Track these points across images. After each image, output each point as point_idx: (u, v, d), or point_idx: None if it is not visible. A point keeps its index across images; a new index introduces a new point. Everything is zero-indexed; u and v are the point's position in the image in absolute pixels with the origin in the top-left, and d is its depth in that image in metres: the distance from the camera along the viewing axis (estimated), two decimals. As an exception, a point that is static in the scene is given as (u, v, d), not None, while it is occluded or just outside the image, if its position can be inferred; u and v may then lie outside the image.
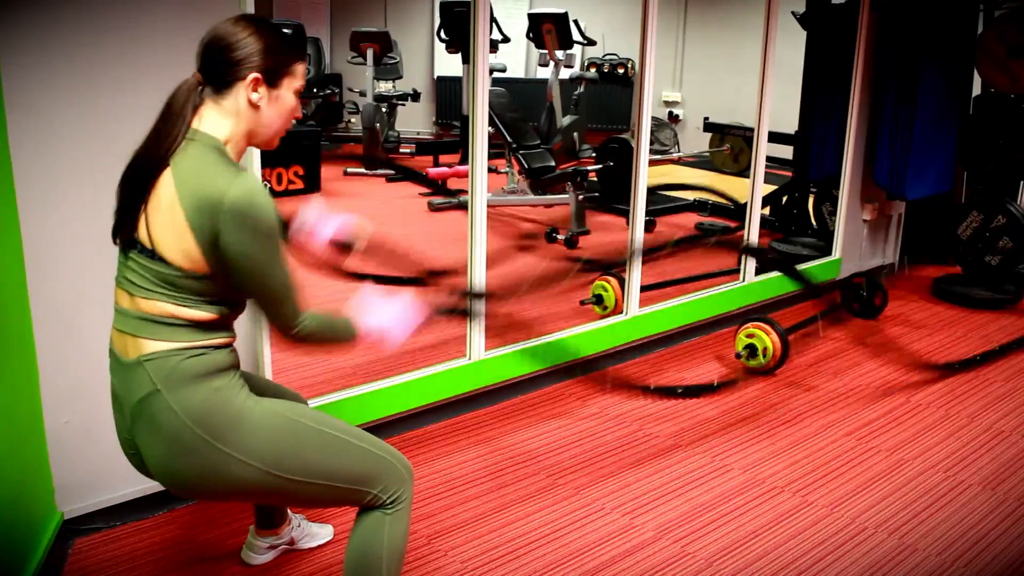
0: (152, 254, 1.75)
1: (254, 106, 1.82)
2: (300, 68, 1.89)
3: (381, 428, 3.27)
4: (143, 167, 1.76)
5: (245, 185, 1.72)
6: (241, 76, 1.79)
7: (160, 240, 1.74)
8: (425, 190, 7.66)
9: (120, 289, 1.84)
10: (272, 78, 1.83)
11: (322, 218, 2.10)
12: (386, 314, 2.01)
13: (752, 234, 4.66)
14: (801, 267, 5.09)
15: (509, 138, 6.94)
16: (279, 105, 1.86)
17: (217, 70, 1.80)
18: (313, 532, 2.67)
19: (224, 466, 1.81)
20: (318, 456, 1.90)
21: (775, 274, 4.92)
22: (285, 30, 1.86)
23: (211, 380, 1.81)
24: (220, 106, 1.81)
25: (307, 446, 1.89)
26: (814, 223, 5.84)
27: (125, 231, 1.79)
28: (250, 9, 2.66)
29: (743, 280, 4.70)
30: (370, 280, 3.47)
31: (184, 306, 1.78)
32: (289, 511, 2.60)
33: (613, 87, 10.16)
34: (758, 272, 4.79)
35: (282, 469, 1.85)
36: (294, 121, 1.95)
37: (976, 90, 5.46)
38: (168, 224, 1.72)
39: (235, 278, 1.77)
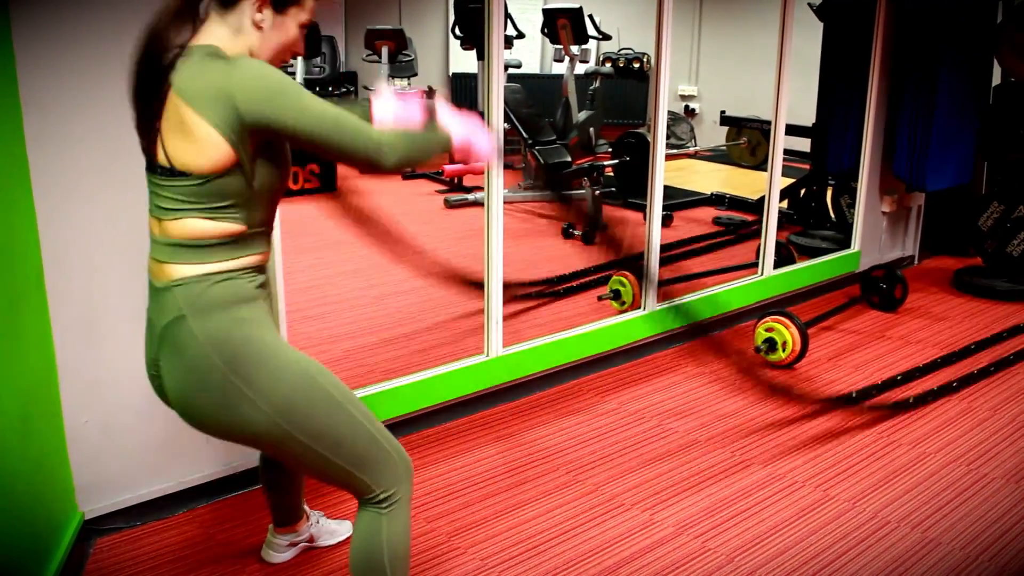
0: (172, 171, 1.76)
1: (256, 26, 1.82)
2: (309, 2, 1.90)
3: (400, 425, 3.27)
4: (147, 91, 1.77)
5: (242, 63, 1.74)
6: None
7: (176, 153, 1.75)
8: (441, 187, 7.67)
9: (151, 217, 1.86)
10: (279, 2, 1.84)
11: (400, 106, 2.03)
12: (471, 128, 1.99)
13: (770, 227, 4.63)
14: (815, 262, 5.07)
15: (525, 134, 6.92)
16: (281, 32, 1.86)
17: None
18: (332, 529, 2.67)
19: (236, 401, 1.81)
20: (326, 420, 1.89)
21: (794, 267, 4.90)
22: None
23: (237, 309, 1.82)
24: (223, 20, 1.81)
25: (319, 407, 1.88)
26: (832, 216, 5.81)
27: (149, 151, 1.80)
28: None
29: (762, 274, 4.68)
30: None
31: (211, 219, 1.79)
32: (306, 507, 2.61)
33: (629, 82, 10.11)
34: (777, 266, 4.76)
35: (289, 421, 1.85)
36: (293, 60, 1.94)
37: (996, 80, 5.41)
38: (180, 134, 1.73)
39: (290, 141, 1.77)
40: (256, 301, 1.87)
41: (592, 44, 9.35)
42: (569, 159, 6.98)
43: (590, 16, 8.71)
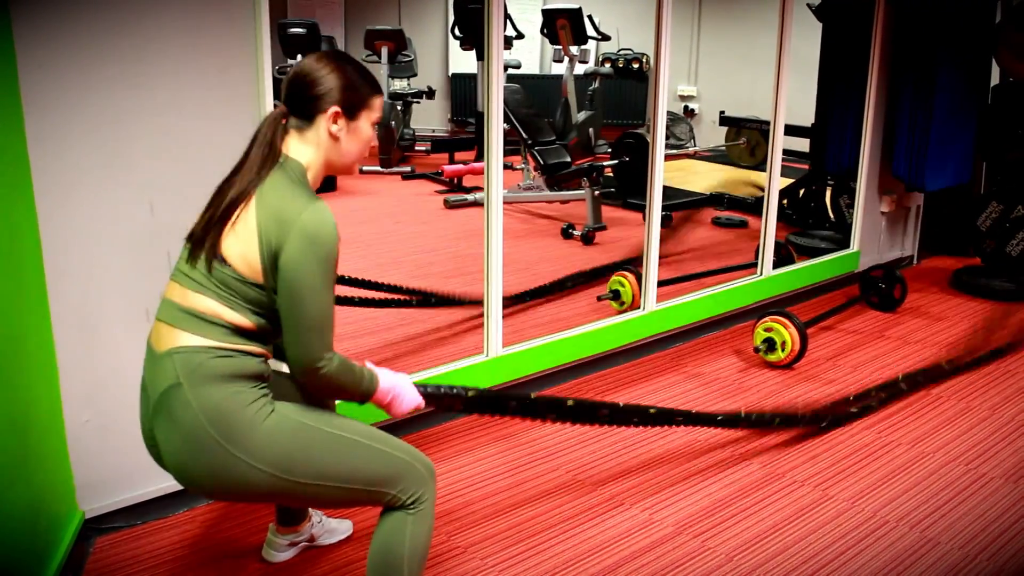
0: (216, 255, 1.86)
1: (334, 137, 1.95)
2: (377, 102, 2.01)
3: (400, 425, 3.27)
4: (235, 192, 1.88)
5: (319, 212, 1.84)
6: (323, 109, 1.92)
7: (228, 246, 1.85)
8: (441, 187, 7.67)
9: (174, 281, 1.93)
10: (351, 111, 1.95)
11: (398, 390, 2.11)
12: (400, 381, 2.07)
13: (770, 227, 4.63)
14: (815, 262, 5.08)
15: (524, 134, 6.93)
16: (357, 136, 1.98)
17: (301, 103, 1.93)
18: (333, 528, 2.68)
19: (233, 467, 1.85)
20: (330, 459, 1.92)
21: (793, 268, 4.90)
22: (362, 67, 2.01)
23: (233, 383, 1.86)
24: (303, 136, 1.95)
25: (318, 450, 1.91)
26: (832, 216, 5.82)
27: (202, 244, 1.88)
28: (264, 7, 2.68)
29: (761, 274, 4.68)
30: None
31: (230, 308, 1.86)
32: (309, 508, 2.61)
33: (628, 82, 10.12)
34: (776, 266, 4.76)
35: (292, 473, 1.88)
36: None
37: (995, 79, 5.42)
38: (240, 234, 1.84)
39: (282, 293, 1.83)
40: (255, 379, 1.91)
41: (591, 44, 9.35)
42: (569, 159, 6.99)
43: (589, 17, 8.72)
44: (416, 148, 9.01)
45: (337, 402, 2.33)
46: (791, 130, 4.81)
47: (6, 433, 2.15)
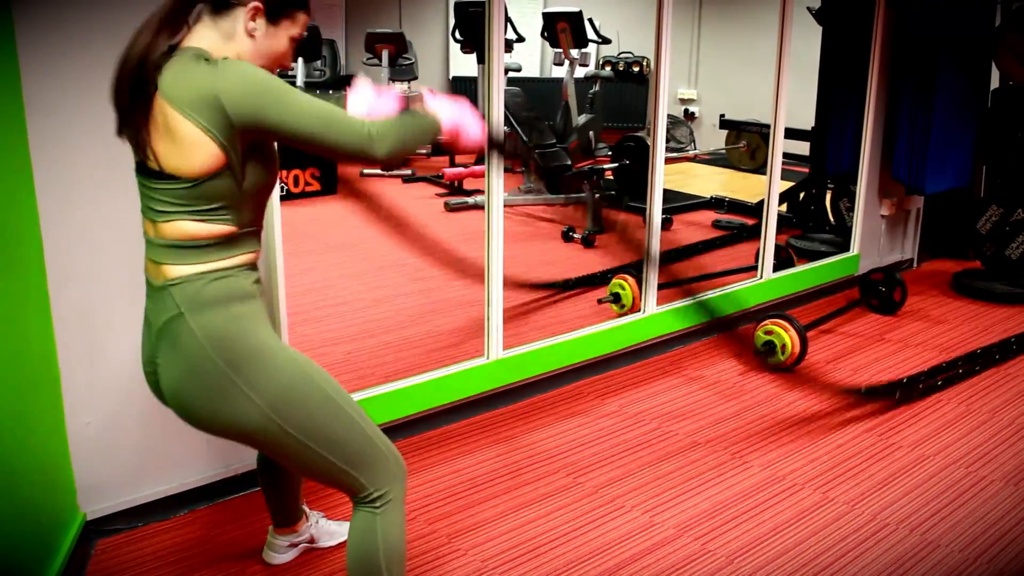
0: (161, 174, 1.78)
1: (249, 34, 1.84)
2: (302, 17, 1.91)
3: (400, 428, 3.28)
4: (133, 80, 1.76)
5: (227, 64, 1.74)
6: (243, 1, 1.81)
7: (164, 157, 1.76)
8: (441, 190, 7.68)
9: (144, 219, 1.88)
10: (273, 13, 1.85)
11: (375, 97, 2.02)
12: (461, 113, 2.00)
13: (770, 230, 4.64)
14: (815, 265, 5.08)
15: (525, 137, 6.94)
16: (272, 42, 1.87)
17: None
18: (332, 530, 2.68)
19: (231, 397, 1.83)
20: (321, 418, 1.90)
21: (793, 271, 4.91)
22: None
23: (233, 306, 1.85)
24: (215, 25, 1.83)
25: (314, 403, 1.90)
26: (832, 219, 5.81)
27: (138, 154, 1.82)
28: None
29: (761, 277, 4.69)
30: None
31: (202, 221, 1.81)
32: (306, 508, 2.62)
33: (628, 85, 10.12)
34: (776, 269, 4.77)
35: (283, 417, 1.86)
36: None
37: (994, 83, 5.42)
38: (168, 138, 1.74)
39: (269, 126, 1.74)
40: (253, 298, 1.90)
41: (592, 48, 9.36)
42: (569, 162, 6.99)
43: (590, 20, 8.74)
44: (416, 151, 9.00)
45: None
46: (791, 133, 4.81)
47: (8, 435, 2.15)
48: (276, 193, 2.74)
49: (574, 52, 8.43)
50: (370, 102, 1.98)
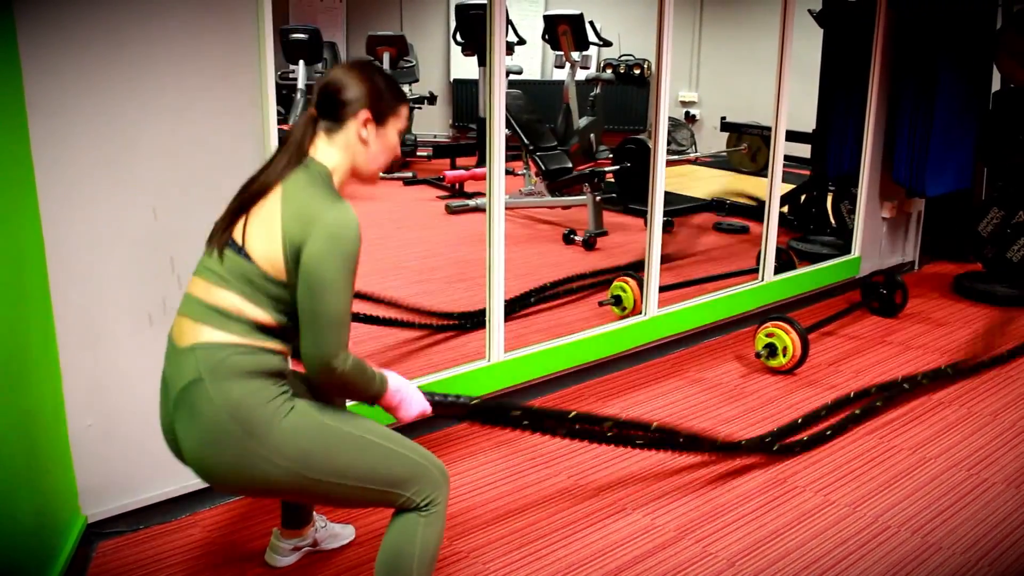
0: (240, 250, 1.88)
1: (363, 141, 2.00)
2: (404, 110, 2.07)
3: (401, 430, 3.27)
4: (258, 185, 1.93)
5: (344, 211, 1.89)
6: (353, 113, 1.98)
7: (251, 241, 1.88)
8: (442, 193, 7.68)
9: (198, 277, 1.95)
10: (380, 117, 2.01)
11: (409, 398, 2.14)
12: (407, 386, 2.10)
13: (771, 233, 4.64)
14: (816, 267, 5.08)
15: (526, 140, 6.94)
16: (384, 142, 2.04)
17: (332, 107, 1.98)
18: (336, 533, 2.68)
19: (253, 461, 1.87)
20: (348, 458, 1.95)
21: (794, 273, 4.91)
22: (390, 77, 2.10)
23: (254, 380, 1.88)
24: (331, 139, 1.99)
25: (337, 448, 1.94)
26: (833, 221, 5.82)
27: (225, 234, 1.92)
28: (267, 11, 2.69)
29: (762, 279, 4.69)
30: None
31: (252, 303, 1.89)
32: (314, 512, 2.62)
33: (629, 88, 10.15)
34: (777, 272, 4.77)
35: (310, 470, 1.91)
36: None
37: (995, 85, 5.42)
38: (264, 229, 1.87)
39: (302, 290, 1.86)
40: (276, 376, 1.93)
41: (593, 50, 9.39)
42: (570, 165, 7.00)
43: (591, 22, 8.74)
44: (418, 154, 9.02)
45: (350, 403, 2.35)
46: (792, 136, 4.82)
47: (10, 438, 2.15)
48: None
49: (575, 55, 8.44)
50: (402, 389, 2.09)
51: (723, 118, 9.13)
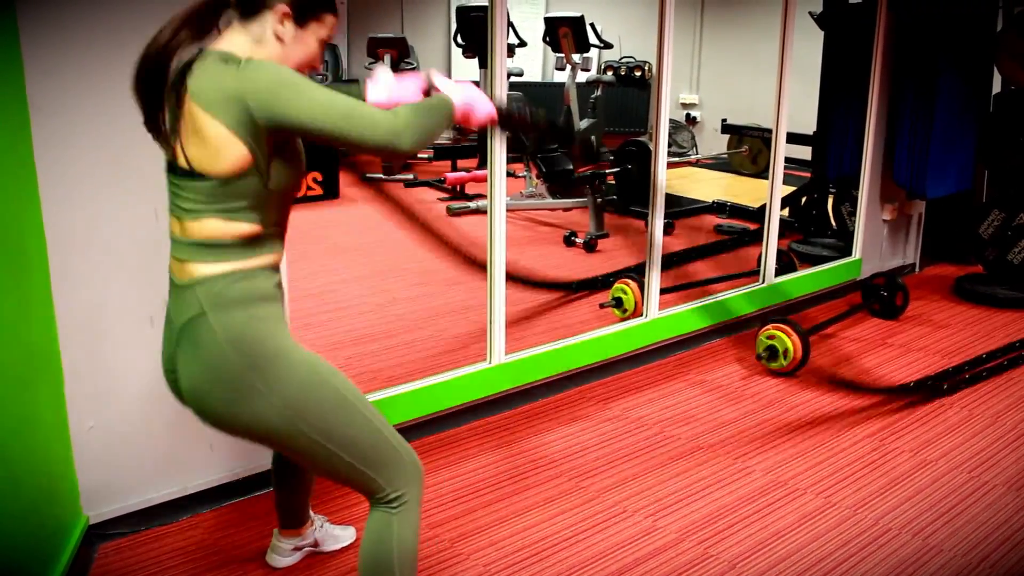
0: (191, 173, 1.80)
1: (278, 38, 1.86)
2: (330, 19, 1.93)
3: (402, 432, 3.23)
4: (156, 78, 1.81)
5: (251, 64, 1.76)
6: (271, 5, 1.84)
7: (194, 157, 1.78)
8: (443, 195, 7.69)
9: (171, 216, 1.90)
10: (301, 16, 1.87)
11: (396, 85, 2.04)
12: (472, 93, 2.03)
13: (772, 235, 4.64)
14: (817, 270, 5.08)
15: (527, 142, 6.94)
16: (301, 46, 1.90)
17: None
18: (336, 534, 2.68)
19: (249, 397, 1.85)
20: (336, 418, 1.92)
21: (795, 275, 4.91)
22: None
23: (255, 307, 1.87)
24: (245, 29, 1.86)
25: (329, 405, 1.91)
26: (833, 223, 5.82)
27: (168, 152, 1.84)
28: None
29: (763, 282, 4.69)
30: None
31: (229, 219, 1.83)
32: (311, 512, 2.62)
33: (630, 90, 10.15)
34: (778, 274, 4.77)
35: (301, 418, 1.88)
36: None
37: (996, 87, 5.43)
38: (197, 137, 1.77)
39: (291, 123, 1.75)
40: (274, 300, 1.92)
41: (594, 52, 9.36)
42: (571, 167, 7.00)
43: (591, 25, 8.74)
44: (418, 156, 9.02)
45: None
46: (793, 138, 4.82)
47: (11, 439, 2.16)
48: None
49: (576, 57, 8.43)
50: (391, 89, 2.01)
51: (724, 120, 9.13)
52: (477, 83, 2.90)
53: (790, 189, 5.78)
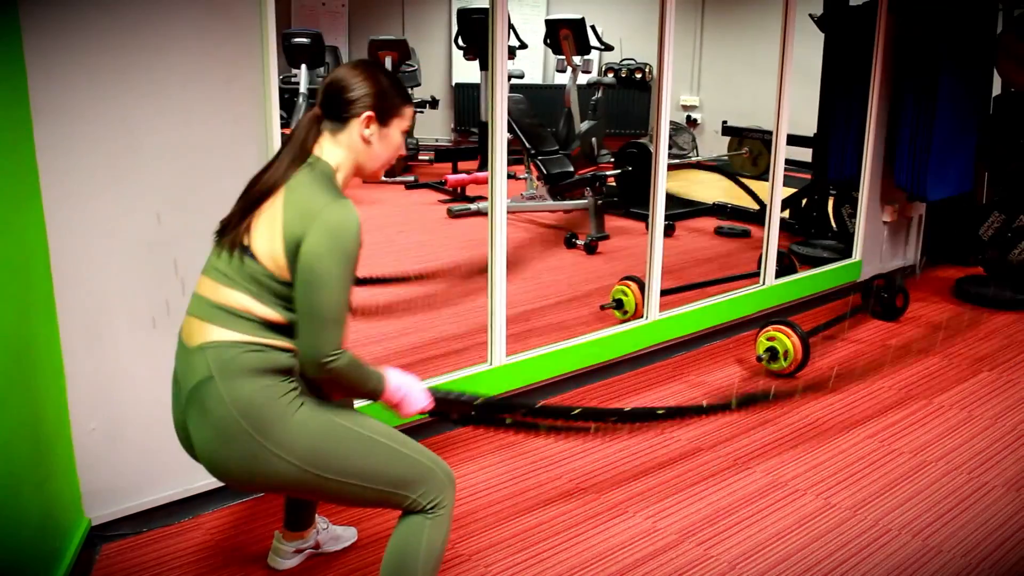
0: (246, 250, 1.90)
1: (366, 141, 2.02)
2: (408, 111, 2.08)
3: (404, 434, 3.28)
4: (262, 184, 1.95)
5: (345, 208, 1.90)
6: (356, 113, 1.99)
7: (256, 241, 1.90)
8: (444, 197, 7.69)
9: (206, 277, 1.98)
10: (383, 117, 2.02)
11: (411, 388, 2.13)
12: (409, 381, 2.10)
13: (772, 237, 4.64)
14: (817, 271, 5.08)
15: (528, 144, 6.95)
16: (387, 142, 2.06)
17: (336, 106, 2.00)
18: (338, 535, 2.69)
19: (263, 459, 1.90)
20: (356, 458, 1.97)
21: (795, 277, 4.91)
22: (395, 77, 2.12)
23: (264, 377, 1.90)
24: (335, 138, 2.02)
25: (346, 447, 1.96)
26: (834, 225, 5.83)
27: (232, 235, 1.94)
28: (270, 16, 2.70)
29: (763, 283, 4.69)
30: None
31: (259, 302, 1.91)
32: (316, 514, 2.62)
33: (631, 92, 10.16)
34: (778, 275, 4.78)
35: (319, 468, 1.93)
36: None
37: (996, 90, 5.43)
38: (267, 229, 1.89)
39: (299, 285, 1.87)
40: (286, 373, 1.94)
41: (594, 55, 9.39)
42: (572, 169, 7.00)
43: (592, 27, 8.77)
44: (419, 158, 9.03)
45: (359, 403, 2.37)
46: (793, 140, 4.83)
47: (14, 441, 2.16)
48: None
49: (576, 59, 8.46)
50: (404, 386, 2.09)
51: (724, 122, 9.13)
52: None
53: (791, 191, 5.79)
